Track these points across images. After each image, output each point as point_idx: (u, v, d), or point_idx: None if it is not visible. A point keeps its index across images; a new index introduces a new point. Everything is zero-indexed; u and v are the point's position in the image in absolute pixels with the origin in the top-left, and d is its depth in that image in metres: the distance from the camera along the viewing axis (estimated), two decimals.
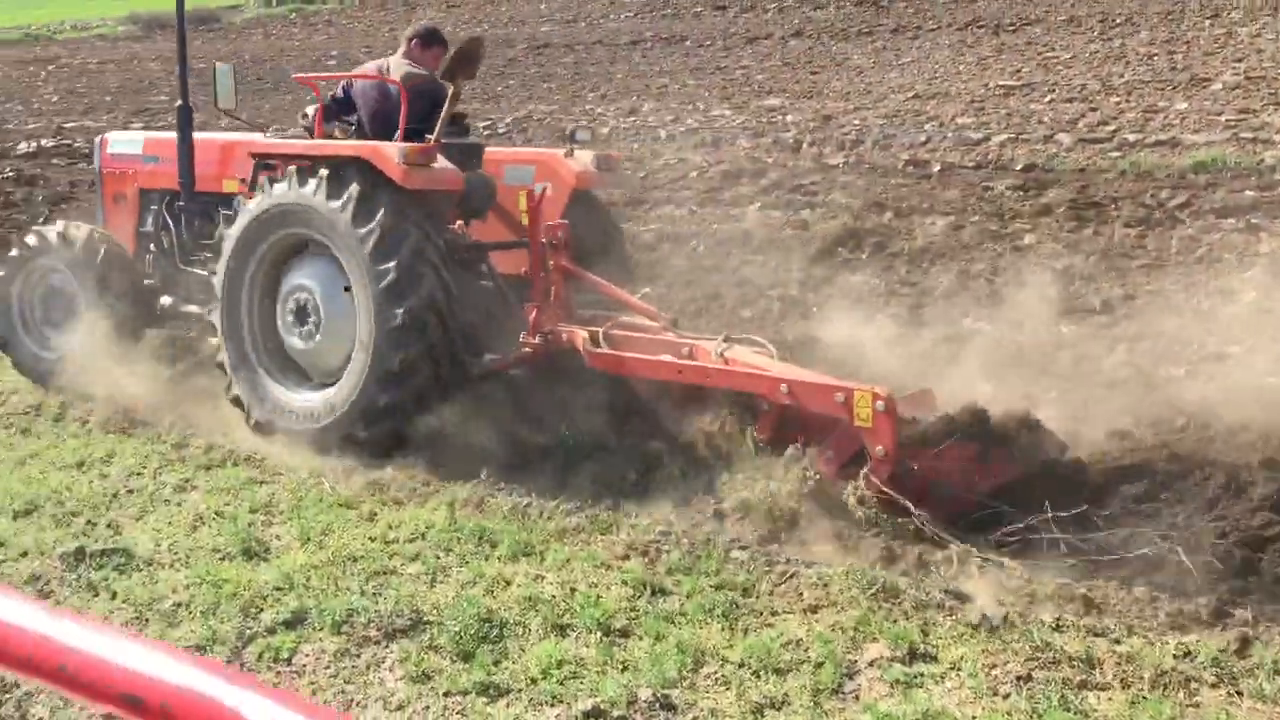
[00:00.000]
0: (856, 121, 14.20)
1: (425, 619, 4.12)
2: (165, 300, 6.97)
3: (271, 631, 4.09)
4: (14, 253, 7.56)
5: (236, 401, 6.18)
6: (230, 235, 6.13)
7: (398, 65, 6.44)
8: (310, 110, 6.60)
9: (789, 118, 15.06)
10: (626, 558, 4.61)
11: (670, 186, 12.02)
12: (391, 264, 5.55)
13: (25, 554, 4.82)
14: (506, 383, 6.21)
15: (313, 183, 5.79)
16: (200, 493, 5.43)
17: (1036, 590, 4.19)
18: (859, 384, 4.86)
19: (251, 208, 6.09)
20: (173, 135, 7.05)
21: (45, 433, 6.34)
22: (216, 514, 5.15)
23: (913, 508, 4.50)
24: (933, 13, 24.82)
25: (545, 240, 6.05)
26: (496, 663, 3.85)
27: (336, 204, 5.69)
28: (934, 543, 4.51)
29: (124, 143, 7.75)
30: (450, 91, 6.01)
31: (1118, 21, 19.82)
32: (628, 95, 18.49)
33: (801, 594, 4.29)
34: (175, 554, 4.75)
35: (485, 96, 19.95)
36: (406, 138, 5.93)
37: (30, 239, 7.49)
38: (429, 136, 5.95)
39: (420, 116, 6.11)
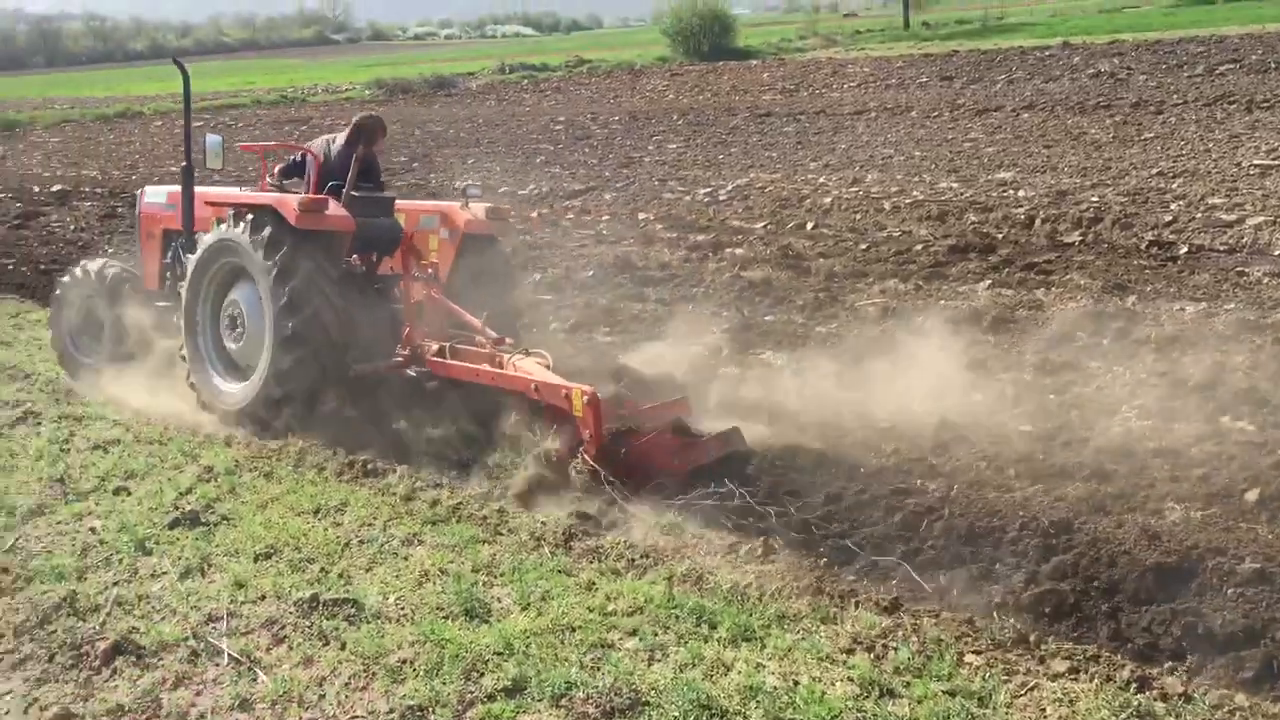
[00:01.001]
0: (1094, 198, 13.60)
1: (644, 699, 4.02)
2: (177, 319, 8.23)
3: (491, 698, 4.08)
4: (65, 279, 9.49)
5: (183, 358, 8.02)
6: (192, 259, 7.96)
7: (337, 142, 8.24)
8: (276, 169, 8.50)
9: (1020, 192, 14.56)
10: (852, 651, 4.40)
11: (894, 260, 11.76)
12: (286, 287, 7.16)
13: (264, 597, 5.00)
14: None
15: (240, 224, 7.50)
16: (426, 548, 5.53)
17: None
18: (577, 384, 6.36)
19: (204, 242, 7.88)
20: (238, 193, 8.47)
21: (285, 477, 6.61)
22: (441, 571, 5.21)
23: (608, 476, 5.97)
24: (1177, 87, 23.68)
25: (417, 274, 7.77)
26: None
27: (252, 238, 7.36)
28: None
29: (156, 195, 9.33)
30: (355, 157, 7.83)
31: None
32: (851, 166, 18.33)
33: (1044, 710, 3.97)
34: (401, 609, 4.83)
35: (706, 164, 20.17)
36: (332, 192, 7.71)
37: (76, 271, 9.42)
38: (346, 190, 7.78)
39: (341, 177, 7.85)
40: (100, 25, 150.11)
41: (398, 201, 8.28)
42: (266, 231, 7.31)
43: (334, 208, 7.46)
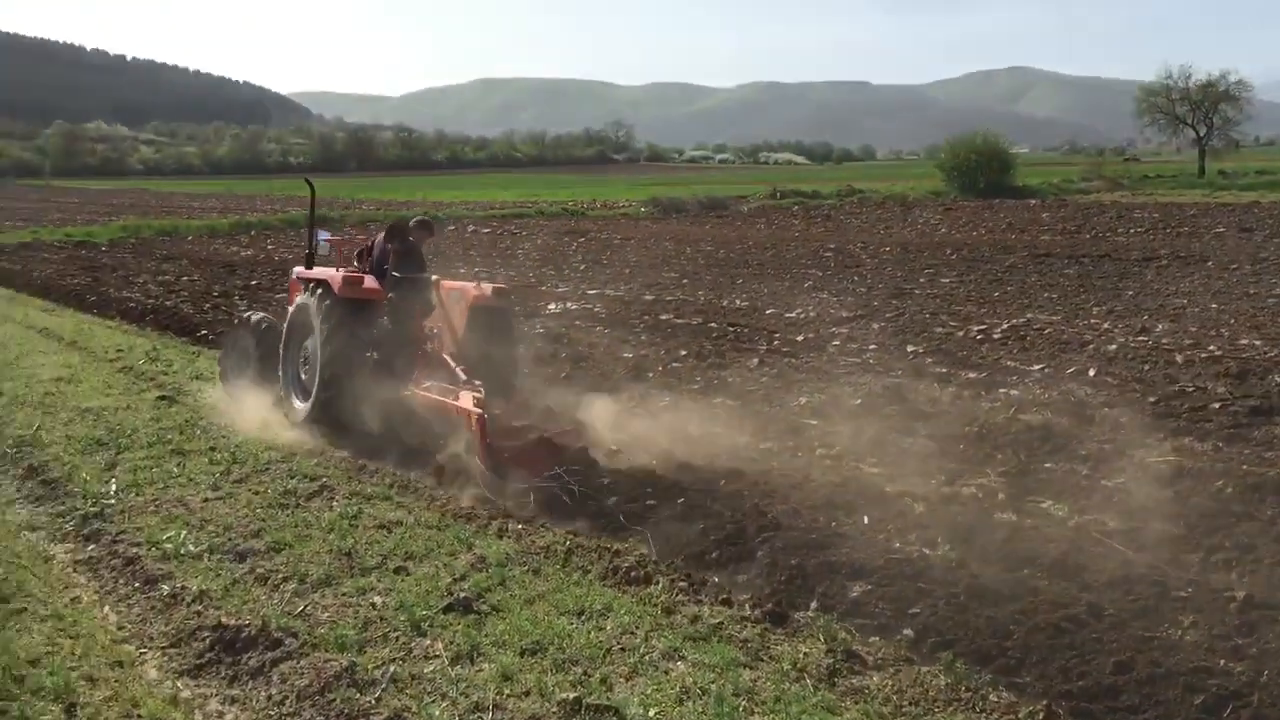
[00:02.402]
0: None
1: None
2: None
3: None
4: (231, 326, 13.05)
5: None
6: (288, 318, 11.17)
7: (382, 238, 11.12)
8: (355, 255, 11.55)
9: None
10: None
11: (1188, 416, 10.99)
12: (326, 337, 10.21)
13: (528, 693, 5.07)
14: None
15: (310, 293, 10.67)
16: (686, 664, 5.47)
17: None
18: (475, 409, 8.67)
19: (294, 305, 11.10)
20: (319, 270, 11.22)
21: (552, 575, 6.73)
22: (701, 690, 5.14)
23: (483, 471, 8.37)
24: None
25: (428, 333, 10.51)
26: None
27: (314, 303, 10.46)
28: None
29: (298, 270, 11.89)
30: (393, 249, 10.75)
31: None
32: (1138, 313, 17.44)
33: None
34: None
35: (980, 301, 19.68)
36: (383, 273, 10.69)
37: (236, 320, 12.91)
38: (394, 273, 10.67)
39: (385, 261, 10.76)
40: (408, 136, 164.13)
41: (444, 282, 10.68)
42: (321, 299, 10.42)
43: (370, 283, 10.52)
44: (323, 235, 11.76)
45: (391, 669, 5.32)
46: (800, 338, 15.95)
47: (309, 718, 4.98)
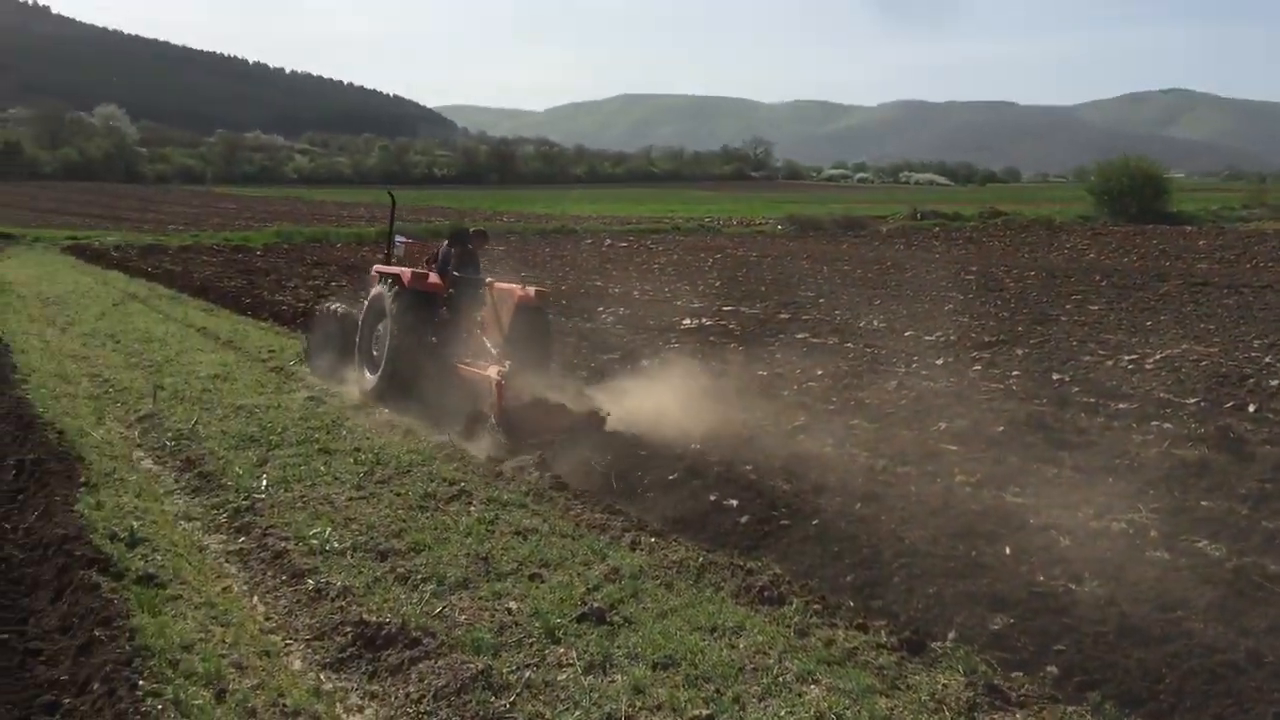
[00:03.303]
0: None
1: None
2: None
3: None
4: (314, 313, 15.19)
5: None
6: (364, 304, 13.17)
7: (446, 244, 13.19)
8: (426, 258, 13.57)
9: None
10: None
11: None
12: (395, 320, 12.14)
13: (659, 707, 5.06)
14: None
15: (384, 285, 12.63)
16: (821, 689, 5.38)
17: None
18: (492, 375, 10.75)
19: (371, 293, 13.02)
20: (394, 267, 13.19)
21: (684, 590, 6.71)
22: (836, 716, 5.05)
23: (498, 426, 10.30)
24: None
25: (477, 323, 12.22)
26: None
27: (387, 293, 12.41)
28: None
29: (378, 266, 13.83)
30: (454, 253, 12.85)
31: None
32: None
33: None
34: None
35: (1132, 329, 18.97)
36: (445, 272, 12.67)
37: (319, 309, 15.11)
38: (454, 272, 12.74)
39: (448, 263, 12.78)
40: (549, 150, 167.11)
41: (496, 284, 12.20)
42: (392, 289, 12.34)
43: (433, 278, 12.50)
44: (400, 238, 14.06)
45: (526, 675, 5.37)
46: (940, 361, 15.61)
47: (445, 717, 5.06)
